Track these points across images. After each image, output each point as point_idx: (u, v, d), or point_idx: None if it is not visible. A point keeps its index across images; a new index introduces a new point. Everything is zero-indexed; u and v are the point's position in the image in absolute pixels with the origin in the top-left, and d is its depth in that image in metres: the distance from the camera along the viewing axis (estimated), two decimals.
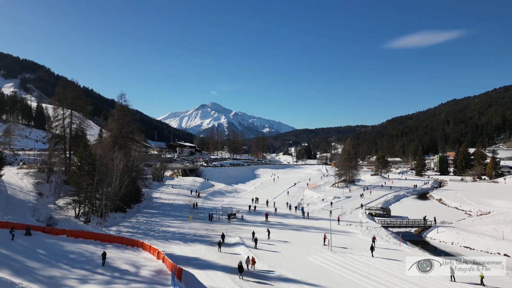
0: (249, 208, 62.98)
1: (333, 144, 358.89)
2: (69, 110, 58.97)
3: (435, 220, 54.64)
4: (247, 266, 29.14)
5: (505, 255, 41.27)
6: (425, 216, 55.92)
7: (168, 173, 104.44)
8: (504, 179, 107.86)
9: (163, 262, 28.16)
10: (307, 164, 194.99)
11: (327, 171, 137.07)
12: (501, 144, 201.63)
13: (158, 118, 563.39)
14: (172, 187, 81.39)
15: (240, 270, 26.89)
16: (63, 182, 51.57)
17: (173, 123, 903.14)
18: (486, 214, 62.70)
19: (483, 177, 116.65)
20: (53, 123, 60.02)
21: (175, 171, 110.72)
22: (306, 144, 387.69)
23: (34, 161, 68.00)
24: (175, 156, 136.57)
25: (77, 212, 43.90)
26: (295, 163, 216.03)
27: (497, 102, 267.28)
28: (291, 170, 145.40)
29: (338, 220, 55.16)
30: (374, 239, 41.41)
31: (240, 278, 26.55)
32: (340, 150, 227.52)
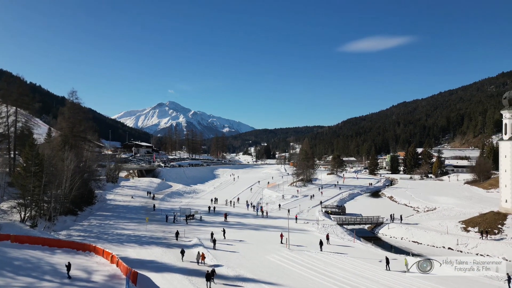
0: (209, 209, 62.32)
1: (291, 144, 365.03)
2: (14, 107, 55.29)
3: (401, 218, 56.40)
4: (198, 261, 30.38)
5: (449, 248, 44.28)
6: (393, 214, 57.76)
7: (123, 174, 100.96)
8: (448, 177, 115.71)
9: (117, 266, 27.16)
10: (266, 164, 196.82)
11: (286, 170, 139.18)
12: (446, 144, 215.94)
13: (113, 117, 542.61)
14: (131, 195, 78.26)
15: (207, 278, 25.09)
16: (7, 184, 48.12)
17: (129, 122, 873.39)
18: (432, 210, 66.83)
19: (429, 175, 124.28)
20: None
21: (131, 171, 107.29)
22: (265, 144, 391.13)
23: None
24: (131, 156, 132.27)
25: (22, 216, 41.12)
26: (254, 163, 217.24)
27: (442, 105, 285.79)
28: (250, 170, 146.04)
29: (296, 218, 56.21)
30: (328, 236, 42.84)
31: (208, 286, 24.99)
32: (298, 150, 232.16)
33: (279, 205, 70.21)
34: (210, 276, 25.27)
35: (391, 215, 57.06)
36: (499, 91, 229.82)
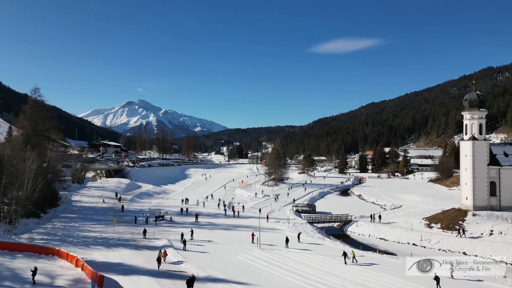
0: (181, 211, 60.89)
1: (264, 143, 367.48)
2: None
3: (380, 217, 57.24)
4: (160, 259, 29.85)
5: (413, 244, 45.93)
6: (373, 214, 58.79)
7: (90, 175, 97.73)
8: (414, 175, 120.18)
9: (82, 270, 26.28)
10: (238, 163, 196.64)
11: (258, 170, 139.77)
12: (412, 144, 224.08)
13: (79, 115, 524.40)
14: (100, 196, 75.99)
15: (188, 284, 23.82)
16: None
17: (97, 121, 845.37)
18: (398, 207, 69.16)
19: (396, 174, 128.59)
20: None
21: (98, 172, 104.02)
22: (238, 144, 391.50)
23: None
24: (99, 156, 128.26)
25: None
26: (227, 162, 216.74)
27: (408, 105, 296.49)
28: (223, 170, 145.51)
29: (267, 217, 56.52)
30: (299, 235, 43.54)
31: None
32: (270, 149, 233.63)
33: (243, 206, 66.53)
34: (191, 282, 24.07)
35: (371, 215, 57.63)
36: (460, 93, 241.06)
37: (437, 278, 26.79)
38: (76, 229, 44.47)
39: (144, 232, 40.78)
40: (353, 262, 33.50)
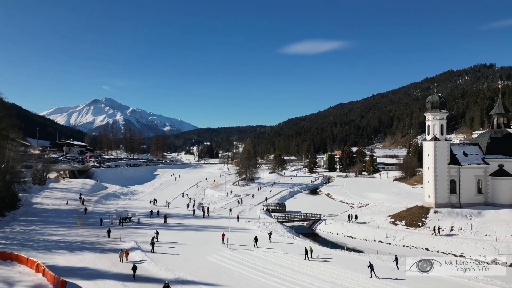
0: (151, 213, 58.74)
1: (234, 143, 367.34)
2: None
3: (356, 217, 56.48)
4: (121, 259, 30.28)
5: (379, 241, 47.32)
6: (350, 214, 58.73)
7: (53, 175, 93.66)
8: (380, 174, 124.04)
9: (43, 275, 25.16)
10: (209, 163, 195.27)
11: (229, 169, 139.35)
12: (378, 144, 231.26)
13: (41, 114, 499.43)
14: (63, 198, 72.81)
15: None
16: None
17: (60, 119, 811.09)
18: (365, 206, 71.06)
19: (363, 173, 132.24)
20: None
21: (61, 172, 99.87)
22: (208, 143, 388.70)
23: None
24: (62, 156, 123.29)
25: None
26: (197, 162, 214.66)
27: (375, 106, 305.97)
28: (193, 170, 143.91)
29: (238, 217, 56.34)
30: (270, 234, 43.69)
31: None
32: (241, 149, 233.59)
33: (208, 208, 63.76)
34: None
35: (348, 215, 57.62)
36: (423, 95, 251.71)
37: (371, 266, 29.27)
38: (37, 232, 42.41)
39: (109, 232, 40.23)
40: (311, 257, 34.84)
